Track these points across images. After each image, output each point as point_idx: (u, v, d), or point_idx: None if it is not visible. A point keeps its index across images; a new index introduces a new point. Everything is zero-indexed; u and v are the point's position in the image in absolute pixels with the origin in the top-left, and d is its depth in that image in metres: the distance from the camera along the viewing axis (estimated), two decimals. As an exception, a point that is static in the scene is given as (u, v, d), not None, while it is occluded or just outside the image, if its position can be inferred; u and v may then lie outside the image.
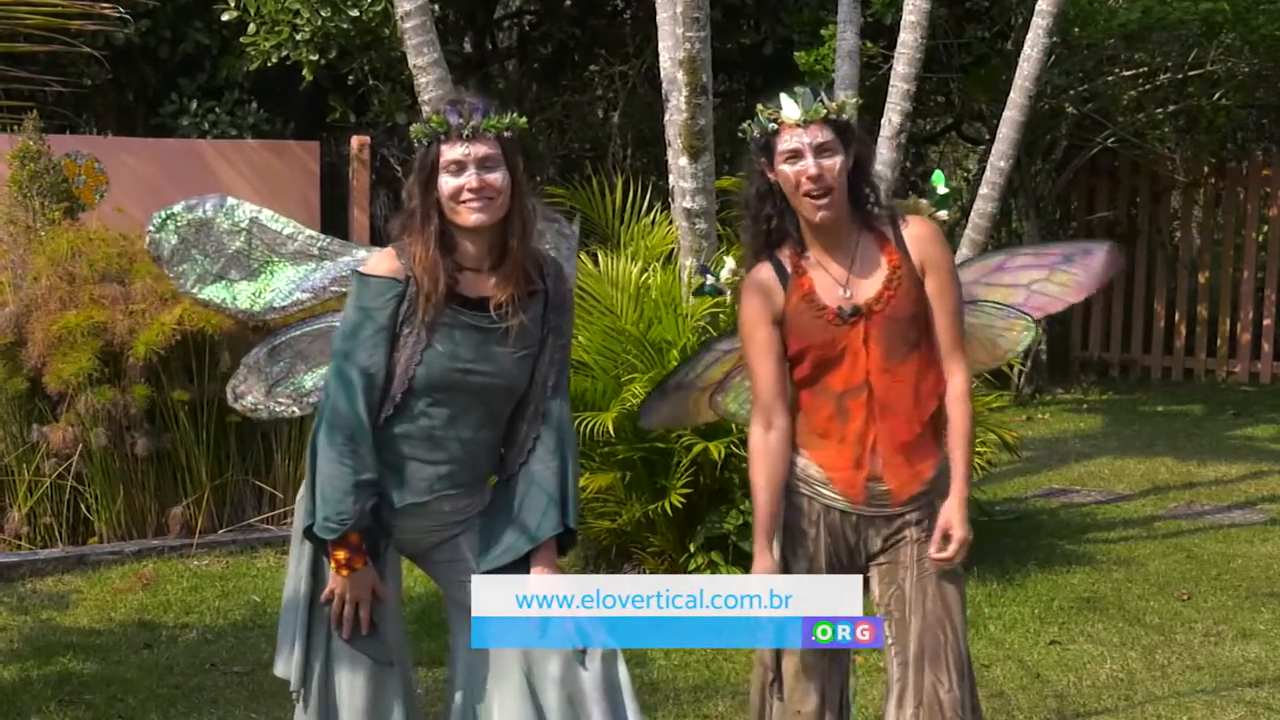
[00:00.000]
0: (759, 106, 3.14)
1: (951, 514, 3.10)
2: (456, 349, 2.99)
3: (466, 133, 2.98)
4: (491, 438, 3.10)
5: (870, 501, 3.14)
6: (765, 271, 3.16)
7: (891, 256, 3.11)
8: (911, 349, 3.10)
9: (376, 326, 2.99)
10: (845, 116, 3.12)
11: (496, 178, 2.99)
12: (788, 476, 3.18)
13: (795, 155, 3.05)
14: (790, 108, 3.07)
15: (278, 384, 3.39)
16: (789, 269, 3.14)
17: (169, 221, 3.34)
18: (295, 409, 3.49)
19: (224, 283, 3.33)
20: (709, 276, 5.05)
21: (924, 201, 3.58)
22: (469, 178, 2.97)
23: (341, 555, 2.97)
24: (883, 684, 3.32)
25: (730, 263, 5.16)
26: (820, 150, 3.04)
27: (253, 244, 3.33)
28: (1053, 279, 3.48)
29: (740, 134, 3.22)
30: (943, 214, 3.59)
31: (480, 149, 2.98)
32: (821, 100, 3.08)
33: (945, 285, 3.13)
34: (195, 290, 3.33)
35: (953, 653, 3.11)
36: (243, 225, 3.34)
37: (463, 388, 3.01)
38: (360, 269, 3.10)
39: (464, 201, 2.98)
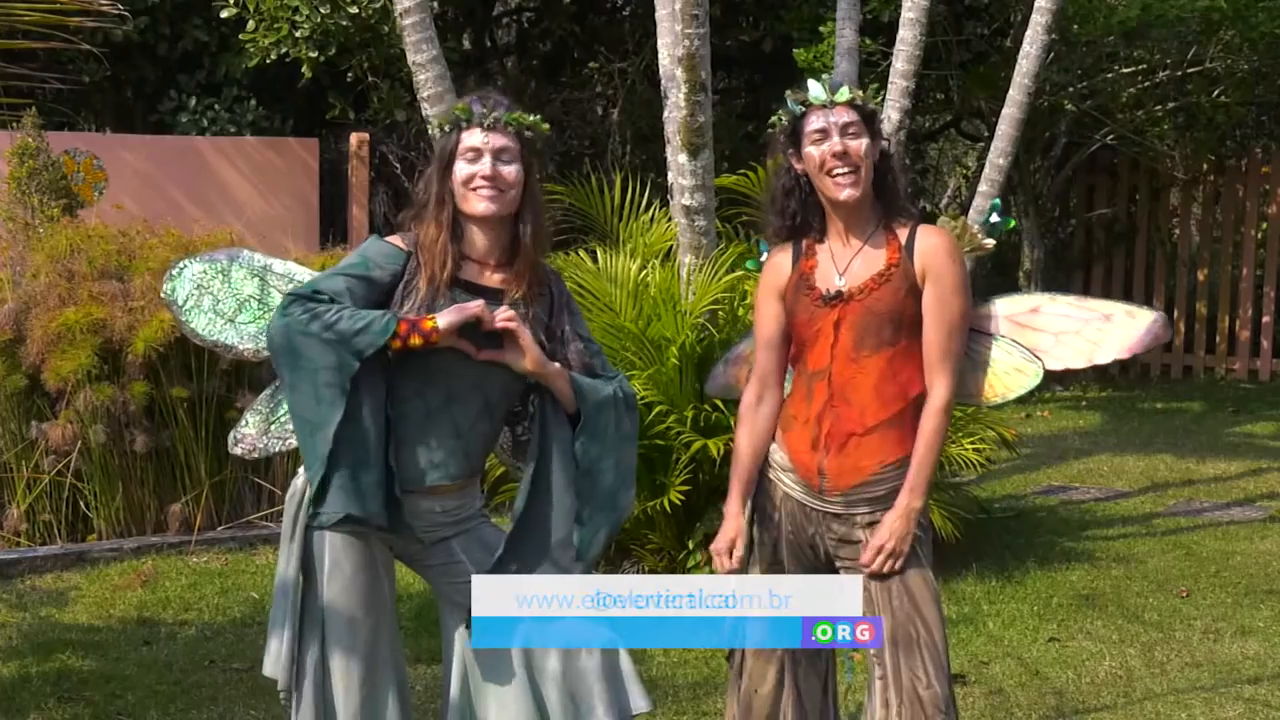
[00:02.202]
0: (787, 93, 3.22)
1: (888, 522, 3.10)
2: (464, 325, 2.99)
3: (488, 122, 3.04)
4: (489, 430, 3.10)
5: (822, 489, 3.16)
6: (782, 253, 3.27)
7: (893, 255, 3.15)
8: (884, 345, 3.13)
9: (365, 272, 3.02)
10: (872, 106, 3.20)
11: (510, 171, 3.03)
12: (766, 460, 3.28)
13: (822, 134, 3.13)
14: (817, 89, 3.16)
15: (274, 422, 3.40)
16: (802, 252, 3.23)
17: (184, 270, 3.39)
18: (292, 441, 3.47)
19: (233, 325, 3.37)
20: (765, 256, 5.07)
21: (975, 225, 3.53)
22: (484, 166, 3.02)
23: (416, 340, 2.94)
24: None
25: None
26: (846, 130, 3.13)
27: (265, 290, 3.38)
28: (1084, 334, 3.36)
29: (770, 127, 3.29)
30: (989, 242, 3.53)
31: (499, 140, 3.03)
32: (849, 86, 3.18)
33: (943, 298, 3.13)
34: (206, 334, 3.36)
35: (927, 648, 3.11)
36: (256, 271, 3.39)
37: (459, 371, 3.01)
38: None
39: (475, 189, 3.02)
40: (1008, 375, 3.36)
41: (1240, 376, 11.92)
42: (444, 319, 2.95)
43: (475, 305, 2.97)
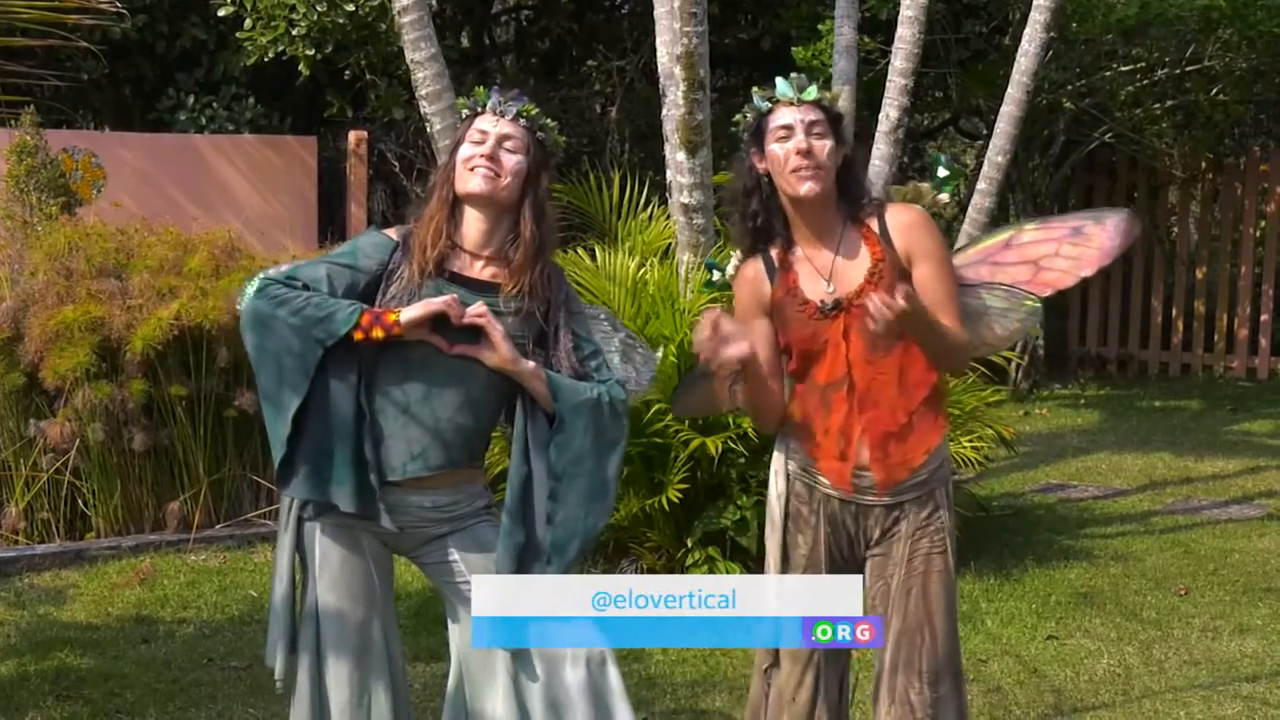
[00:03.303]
0: (754, 90, 3.19)
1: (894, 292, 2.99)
2: (437, 320, 3.00)
3: (501, 109, 3.09)
4: (470, 424, 3.08)
5: (860, 491, 3.14)
6: (755, 266, 3.21)
7: (874, 250, 3.12)
8: (895, 340, 3.10)
9: (353, 261, 3.06)
10: (838, 109, 3.17)
11: (512, 160, 3.06)
12: (790, 465, 3.22)
13: (787, 131, 3.09)
14: (784, 86, 3.13)
15: None
16: (776, 264, 3.18)
17: (252, 283, 3.46)
18: None
19: None
20: (715, 272, 5.04)
21: (925, 185, 3.55)
22: (485, 147, 3.05)
23: (378, 333, 2.96)
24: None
25: (736, 257, 5.18)
26: (811, 128, 3.09)
27: None
28: (1062, 253, 3.39)
29: (733, 125, 3.26)
30: (943, 196, 3.55)
31: (507, 127, 3.07)
32: (814, 87, 3.14)
33: (935, 271, 3.12)
34: None
35: (928, 658, 3.11)
36: None
37: (439, 364, 3.01)
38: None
39: (472, 168, 3.04)
40: (1005, 317, 3.38)
41: (1238, 375, 11.93)
42: (407, 314, 2.96)
43: (441, 301, 2.97)
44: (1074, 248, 3.38)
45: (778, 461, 3.26)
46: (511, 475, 3.04)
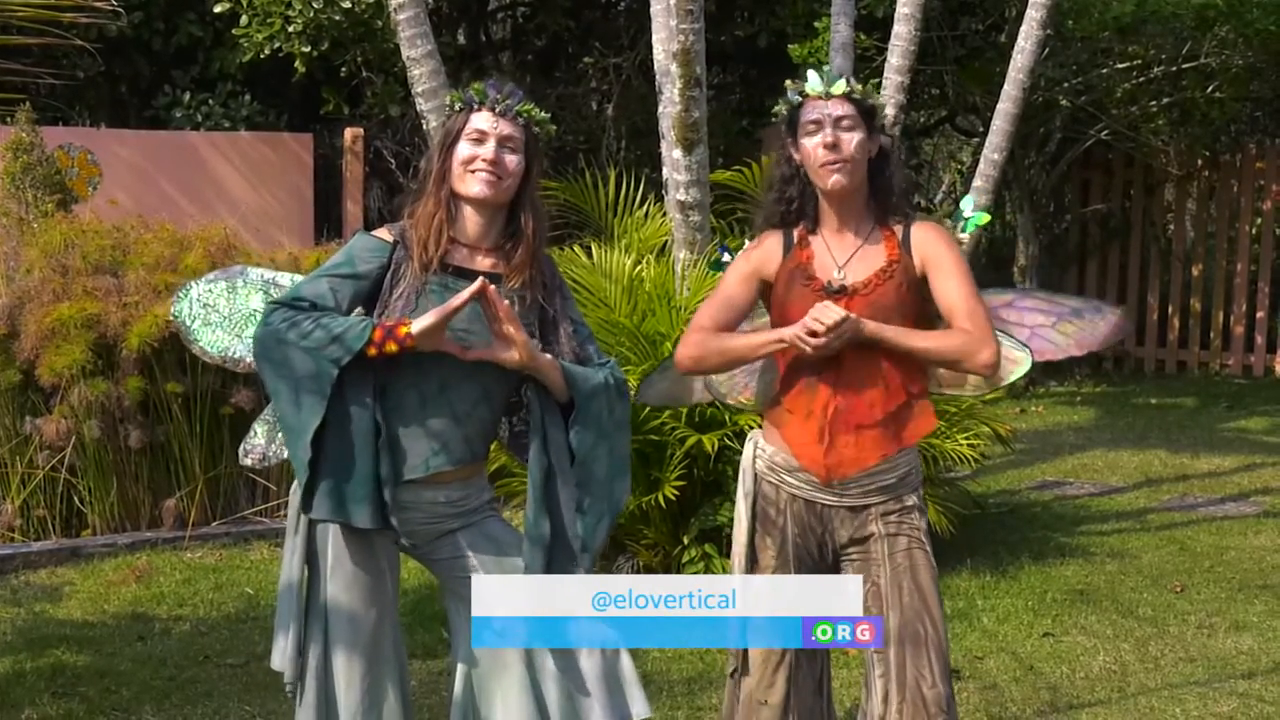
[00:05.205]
0: (787, 82, 3.22)
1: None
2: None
3: (500, 108, 3.05)
4: (487, 416, 3.09)
5: (830, 480, 3.15)
6: (774, 238, 3.25)
7: (892, 251, 3.16)
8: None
9: (352, 270, 3.03)
10: (870, 101, 3.19)
11: (512, 160, 3.04)
12: (758, 464, 3.24)
13: (816, 126, 3.13)
14: (815, 80, 3.16)
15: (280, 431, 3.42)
16: (795, 241, 3.21)
17: (190, 290, 3.46)
18: None
19: (240, 339, 3.42)
20: (726, 254, 5.07)
21: (948, 220, 3.61)
22: (487, 150, 3.03)
23: (392, 348, 2.92)
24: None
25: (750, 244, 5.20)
26: (839, 122, 3.12)
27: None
28: (1058, 328, 3.51)
29: (771, 116, 3.30)
30: (964, 236, 3.62)
31: (506, 127, 3.04)
32: (847, 79, 3.17)
33: (950, 277, 3.13)
34: (214, 350, 3.38)
35: (934, 647, 3.11)
36: (261, 286, 3.42)
37: (451, 360, 3.00)
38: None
39: (474, 171, 3.02)
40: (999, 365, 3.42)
41: (1234, 372, 11.94)
42: (419, 325, 2.93)
43: (452, 306, 2.94)
44: (1070, 327, 3.53)
45: (746, 459, 3.28)
46: (531, 468, 3.03)
